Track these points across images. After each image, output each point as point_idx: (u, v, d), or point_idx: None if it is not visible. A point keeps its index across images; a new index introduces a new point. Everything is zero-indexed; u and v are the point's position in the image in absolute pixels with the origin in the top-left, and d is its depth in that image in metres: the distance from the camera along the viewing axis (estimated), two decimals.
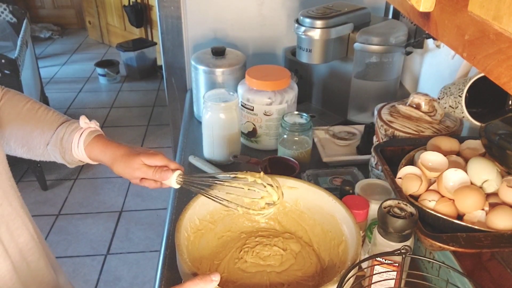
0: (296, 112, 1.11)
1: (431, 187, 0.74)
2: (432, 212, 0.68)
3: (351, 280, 0.64)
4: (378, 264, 0.67)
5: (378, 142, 0.99)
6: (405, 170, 0.76)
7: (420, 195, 0.73)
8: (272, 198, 0.77)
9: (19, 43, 2.32)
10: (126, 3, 3.81)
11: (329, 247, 0.80)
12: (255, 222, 0.88)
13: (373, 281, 0.69)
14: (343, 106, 1.35)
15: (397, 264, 0.66)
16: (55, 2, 4.75)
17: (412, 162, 0.82)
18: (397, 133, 0.94)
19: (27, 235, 0.71)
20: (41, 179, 2.47)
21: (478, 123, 0.78)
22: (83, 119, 0.77)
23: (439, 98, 0.90)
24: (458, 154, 0.81)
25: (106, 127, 3.11)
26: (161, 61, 1.77)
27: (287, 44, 1.54)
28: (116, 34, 4.27)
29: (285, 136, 1.08)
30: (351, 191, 0.87)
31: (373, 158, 1.02)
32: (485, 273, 0.75)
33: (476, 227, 0.65)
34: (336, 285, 0.61)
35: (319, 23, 1.18)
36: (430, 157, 0.76)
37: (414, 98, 0.97)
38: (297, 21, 1.21)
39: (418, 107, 0.96)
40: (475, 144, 0.81)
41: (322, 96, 1.43)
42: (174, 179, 0.76)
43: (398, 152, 0.86)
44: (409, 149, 0.85)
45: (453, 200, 0.68)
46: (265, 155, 1.08)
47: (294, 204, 0.86)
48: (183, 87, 1.62)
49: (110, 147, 0.76)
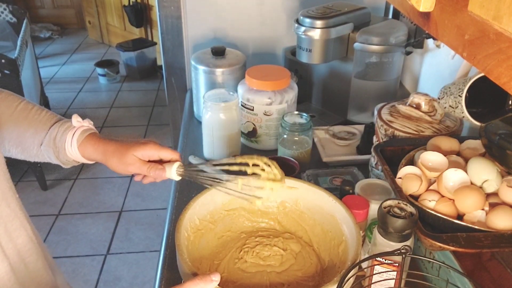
0: (296, 112, 1.11)
1: (431, 187, 0.74)
2: (432, 212, 0.68)
3: (351, 280, 0.64)
4: (378, 264, 0.67)
5: (378, 142, 0.99)
6: (405, 170, 0.76)
7: (420, 195, 0.73)
8: (274, 174, 0.76)
9: (19, 43, 2.32)
10: (126, 3, 3.80)
11: (329, 247, 0.80)
12: (255, 222, 0.88)
13: (373, 281, 0.69)
14: (343, 106, 1.35)
15: (397, 264, 0.66)
16: (55, 2, 4.75)
17: (412, 162, 0.82)
18: (397, 133, 0.94)
19: (25, 236, 0.71)
20: (41, 179, 2.47)
21: (478, 123, 0.78)
22: (75, 118, 0.77)
23: (439, 98, 0.90)
24: (458, 154, 0.81)
25: (106, 127, 3.11)
26: (161, 61, 1.77)
27: (287, 44, 1.54)
28: (116, 34, 4.27)
29: (285, 136, 1.08)
30: (351, 191, 0.87)
31: (373, 158, 1.02)
32: (485, 273, 0.75)
33: (476, 227, 0.65)
34: (336, 285, 0.61)
35: (319, 23, 1.18)
36: (430, 157, 0.76)
37: (414, 98, 0.97)
38: (297, 21, 1.21)
39: (418, 107, 0.96)
40: (475, 144, 0.80)
41: (322, 96, 1.43)
42: (174, 171, 0.75)
43: (398, 152, 0.86)
44: (409, 149, 0.85)
45: (453, 200, 0.68)
46: (265, 155, 1.08)
47: (294, 204, 0.86)
48: (183, 87, 1.62)
49: (102, 144, 0.75)
